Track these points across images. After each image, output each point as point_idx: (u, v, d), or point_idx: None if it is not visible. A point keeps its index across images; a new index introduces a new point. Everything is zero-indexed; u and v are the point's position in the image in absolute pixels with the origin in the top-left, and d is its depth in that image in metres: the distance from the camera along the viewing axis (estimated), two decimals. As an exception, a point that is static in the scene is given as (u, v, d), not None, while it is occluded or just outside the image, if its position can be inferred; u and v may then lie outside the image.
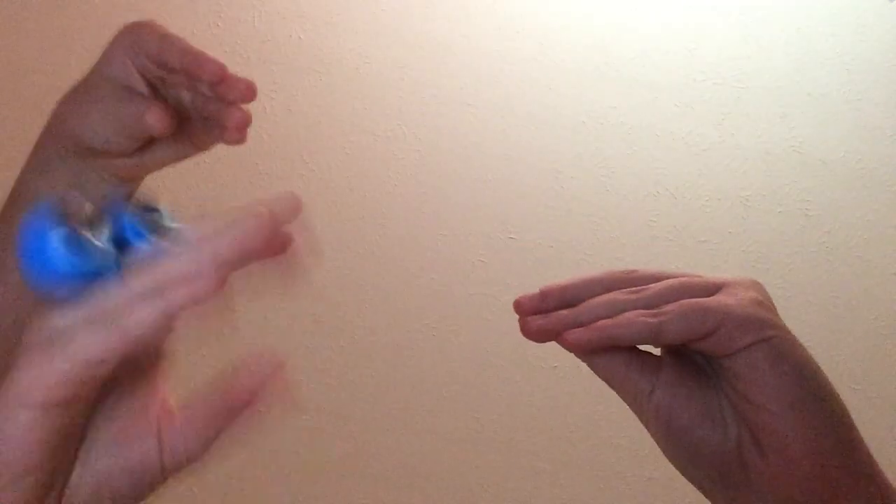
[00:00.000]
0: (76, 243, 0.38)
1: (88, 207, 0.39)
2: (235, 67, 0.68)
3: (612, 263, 1.62)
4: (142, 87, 0.69)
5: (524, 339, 0.60)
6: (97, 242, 0.38)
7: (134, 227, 0.40)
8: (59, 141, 0.71)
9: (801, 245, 1.67)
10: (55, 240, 0.37)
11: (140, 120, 0.66)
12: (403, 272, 1.58)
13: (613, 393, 0.57)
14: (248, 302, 0.50)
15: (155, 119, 0.65)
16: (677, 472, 0.57)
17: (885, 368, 1.69)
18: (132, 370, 0.44)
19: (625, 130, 1.61)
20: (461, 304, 1.59)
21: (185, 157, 0.73)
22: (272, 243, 0.40)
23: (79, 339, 0.38)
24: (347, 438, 1.58)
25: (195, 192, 1.53)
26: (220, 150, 0.73)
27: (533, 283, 0.57)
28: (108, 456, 0.43)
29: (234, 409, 0.44)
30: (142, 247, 0.40)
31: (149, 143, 0.70)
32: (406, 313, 1.58)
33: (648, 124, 1.62)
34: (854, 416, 0.55)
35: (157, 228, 0.41)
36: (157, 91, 0.70)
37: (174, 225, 0.41)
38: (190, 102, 0.71)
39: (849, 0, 1.65)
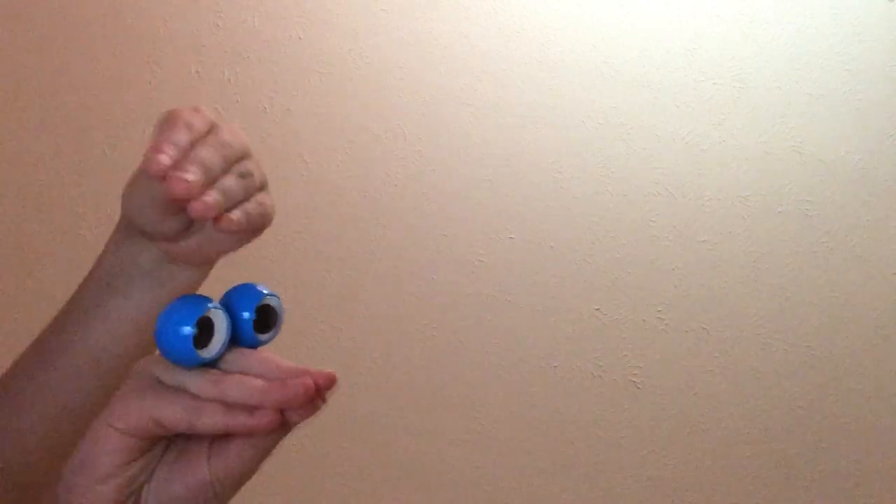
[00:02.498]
0: (195, 342, 0.50)
1: (213, 307, 0.51)
2: (236, 67, 0.68)
3: (612, 263, 1.63)
4: None
5: (524, 339, 0.62)
6: (209, 351, 0.51)
7: (246, 328, 0.53)
8: (125, 222, 0.71)
9: (801, 245, 1.67)
10: (180, 336, 0.50)
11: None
12: (403, 272, 1.58)
13: (612, 393, 0.57)
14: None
15: (149, 159, 0.60)
16: (677, 473, 0.57)
17: (885, 368, 1.69)
18: None
19: (625, 130, 1.61)
20: (461, 304, 1.59)
21: (238, 243, 0.69)
22: (314, 404, 0.52)
23: (160, 403, 0.49)
24: (347, 438, 1.58)
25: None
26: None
27: (533, 283, 0.57)
28: (168, 480, 0.51)
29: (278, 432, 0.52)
30: (246, 348, 0.53)
31: (190, 225, 0.68)
32: (406, 313, 1.58)
33: (648, 124, 1.62)
34: (854, 415, 0.55)
35: (267, 326, 0.54)
36: None
37: (275, 328, 0.54)
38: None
39: (849, 0, 1.65)
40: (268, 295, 0.54)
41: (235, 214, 0.63)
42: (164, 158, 0.60)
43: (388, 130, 1.56)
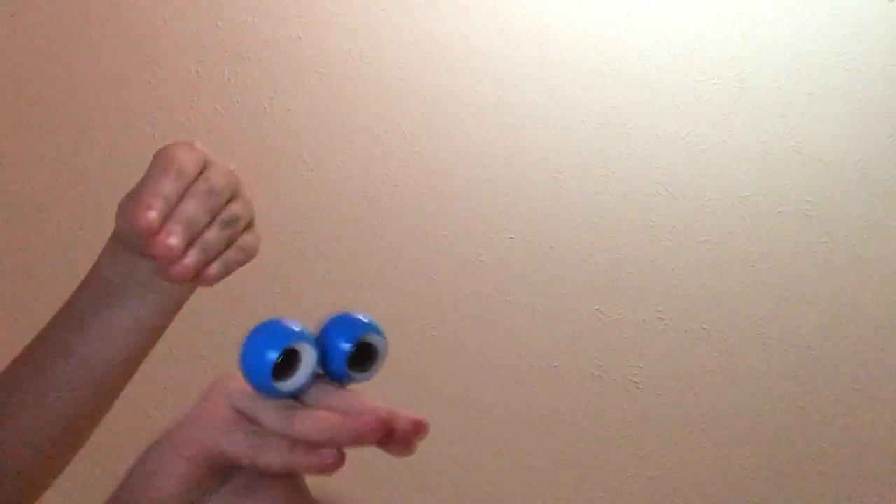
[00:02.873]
0: (277, 372, 0.48)
1: (302, 340, 0.49)
2: (236, 67, 0.68)
3: (611, 263, 1.63)
4: None
5: (524, 339, 0.61)
6: (290, 385, 0.48)
7: (339, 361, 0.50)
8: (120, 235, 0.72)
9: (801, 245, 1.67)
10: (262, 362, 0.47)
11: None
12: (403, 272, 1.58)
13: (612, 393, 0.57)
14: (248, 301, 0.52)
15: (139, 216, 0.63)
16: (677, 473, 0.57)
17: (885, 368, 1.69)
18: None
19: (625, 130, 1.61)
20: (461, 304, 1.59)
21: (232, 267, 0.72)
22: (392, 445, 0.50)
23: (227, 435, 0.48)
24: (347, 438, 1.58)
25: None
26: (219, 149, 0.73)
27: (533, 283, 0.57)
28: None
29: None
30: (334, 382, 0.50)
31: None
32: (406, 313, 1.58)
33: (648, 124, 1.62)
34: (854, 415, 0.55)
35: (363, 364, 0.51)
36: None
37: (372, 369, 0.51)
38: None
39: (849, 0, 1.65)
40: (372, 332, 0.51)
41: (214, 269, 0.67)
42: (153, 216, 0.63)
43: (388, 130, 1.56)
